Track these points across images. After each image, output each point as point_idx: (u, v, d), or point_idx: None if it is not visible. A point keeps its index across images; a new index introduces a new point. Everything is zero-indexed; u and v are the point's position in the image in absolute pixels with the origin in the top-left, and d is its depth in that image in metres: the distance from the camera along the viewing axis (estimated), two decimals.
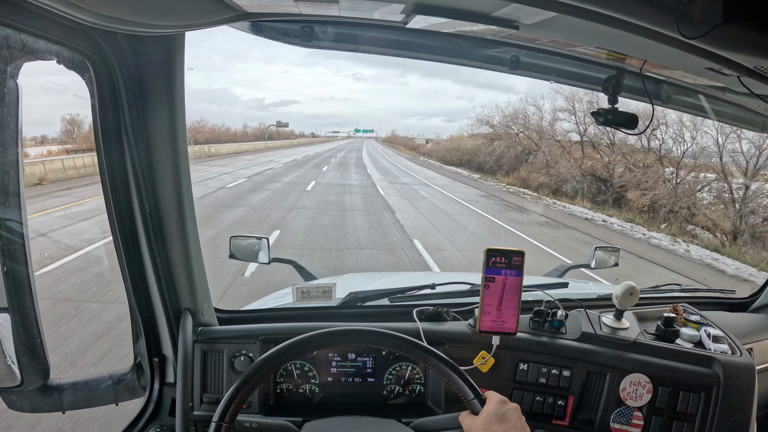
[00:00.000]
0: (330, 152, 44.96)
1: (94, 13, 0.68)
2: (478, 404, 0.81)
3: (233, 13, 0.91)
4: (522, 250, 1.04)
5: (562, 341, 1.16)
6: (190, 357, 1.06)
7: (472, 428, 0.79)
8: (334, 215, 9.94)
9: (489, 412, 0.79)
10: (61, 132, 26.09)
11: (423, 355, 0.86)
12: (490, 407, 0.79)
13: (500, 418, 0.77)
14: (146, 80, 0.92)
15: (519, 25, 0.82)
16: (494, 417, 0.78)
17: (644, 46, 0.91)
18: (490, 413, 0.78)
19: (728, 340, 1.21)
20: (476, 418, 0.80)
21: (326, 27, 1.05)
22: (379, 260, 6.61)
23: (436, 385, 1.16)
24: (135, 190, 0.97)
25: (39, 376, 0.99)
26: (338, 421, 1.02)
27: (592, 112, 1.14)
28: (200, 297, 1.12)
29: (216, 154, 31.70)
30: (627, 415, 1.13)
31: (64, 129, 26.11)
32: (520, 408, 0.82)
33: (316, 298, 1.23)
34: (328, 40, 1.07)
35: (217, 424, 0.78)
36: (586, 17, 0.75)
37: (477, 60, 1.14)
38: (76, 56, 0.88)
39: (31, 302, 0.90)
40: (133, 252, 1.03)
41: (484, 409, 0.80)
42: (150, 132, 0.94)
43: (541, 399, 1.14)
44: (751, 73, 0.94)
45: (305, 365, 1.17)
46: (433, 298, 1.32)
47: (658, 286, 1.55)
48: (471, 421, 0.80)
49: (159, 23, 0.79)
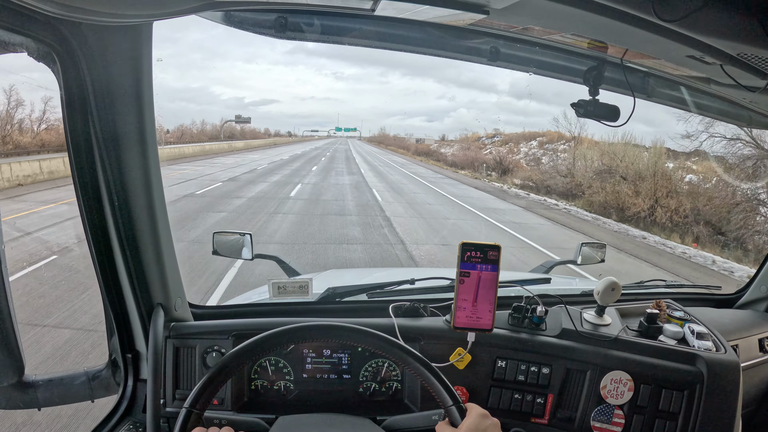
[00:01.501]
0: (292, 165, 24.38)
1: (57, 3, 0.66)
2: (456, 413, 0.78)
3: (201, 2, 0.89)
4: (498, 245, 1.02)
5: (542, 338, 1.14)
6: (161, 353, 1.05)
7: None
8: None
9: (469, 426, 0.75)
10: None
11: (402, 356, 0.83)
12: (471, 420, 0.76)
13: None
14: (114, 72, 0.90)
15: (489, 9, 0.79)
16: (474, 431, 0.74)
17: (623, 32, 0.89)
18: (470, 427, 0.75)
19: (713, 336, 1.19)
20: (455, 430, 0.76)
21: (299, 17, 1.03)
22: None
23: (413, 383, 1.15)
24: (104, 184, 0.96)
25: (13, 372, 0.98)
26: (311, 417, 1.01)
27: (573, 103, 1.12)
28: (173, 292, 1.10)
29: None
30: (608, 414, 1.11)
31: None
32: (500, 424, 0.79)
33: (292, 293, 1.21)
34: (303, 31, 1.05)
35: (187, 411, 0.76)
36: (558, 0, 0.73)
37: (456, 51, 1.12)
38: (42, 48, 0.86)
39: (4, 298, 0.89)
40: (104, 247, 1.01)
41: (464, 422, 0.76)
42: (118, 125, 0.93)
43: (520, 396, 1.12)
44: (734, 61, 0.91)
45: (280, 361, 1.15)
46: (412, 294, 1.30)
47: (643, 281, 1.53)
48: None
49: (125, 13, 0.77)
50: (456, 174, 26.69)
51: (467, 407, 0.79)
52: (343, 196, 12.96)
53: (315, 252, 6.73)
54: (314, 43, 1.08)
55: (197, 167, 19.50)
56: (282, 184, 14.81)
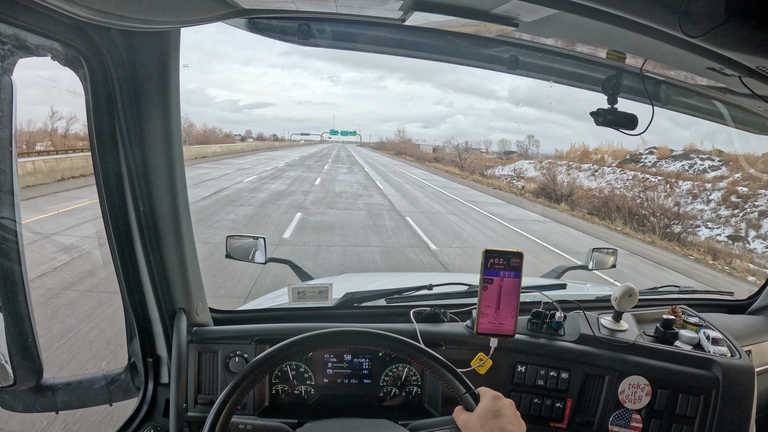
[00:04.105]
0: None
1: (87, 8, 0.67)
2: (470, 399, 0.81)
3: (229, 10, 0.91)
4: (521, 252, 1.03)
5: (561, 343, 1.15)
6: (185, 357, 1.05)
7: (468, 424, 0.78)
8: None
9: (484, 408, 0.78)
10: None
11: (412, 352, 0.85)
12: (485, 403, 0.79)
13: (495, 413, 0.77)
14: (141, 77, 0.91)
15: (519, 22, 0.81)
16: (489, 413, 0.77)
17: (646, 44, 0.91)
18: (484, 409, 0.78)
19: (727, 342, 1.21)
20: (471, 414, 0.79)
21: (324, 25, 1.04)
22: None
23: (433, 387, 1.15)
24: (129, 188, 0.96)
25: (32, 375, 0.98)
26: (335, 423, 1.01)
27: (591, 112, 1.14)
28: (195, 297, 1.11)
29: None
30: (625, 418, 1.13)
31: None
32: (514, 404, 0.81)
33: (312, 298, 1.22)
34: (326, 38, 1.06)
35: (210, 426, 0.77)
36: (587, 15, 0.74)
37: (475, 59, 1.14)
38: (70, 52, 0.87)
39: (24, 301, 0.90)
40: (127, 251, 1.01)
41: (479, 405, 0.79)
42: (144, 130, 0.93)
43: (539, 401, 1.13)
44: (753, 74, 0.93)
45: (301, 366, 1.16)
46: (430, 299, 1.31)
47: (657, 287, 1.54)
48: (466, 418, 0.79)
49: (154, 19, 0.78)
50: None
51: (479, 392, 0.82)
52: None
53: None
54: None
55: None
56: None
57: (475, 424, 0.77)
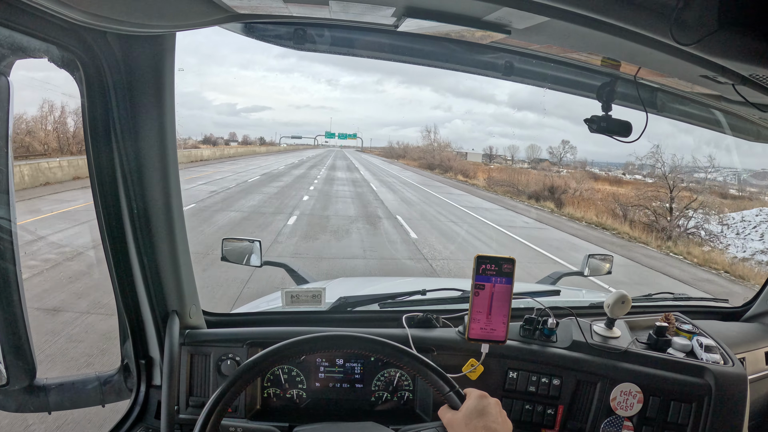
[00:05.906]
0: None
1: (84, 11, 0.68)
2: (455, 398, 0.81)
3: (224, 14, 0.91)
4: (512, 258, 1.03)
5: (553, 349, 1.15)
6: (177, 360, 1.05)
7: (453, 423, 0.79)
8: None
9: (469, 407, 0.78)
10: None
11: (395, 353, 0.85)
12: (470, 402, 0.79)
13: (480, 412, 0.77)
14: (136, 80, 0.91)
15: (511, 29, 0.81)
16: (474, 411, 0.77)
17: (639, 52, 0.91)
18: (470, 407, 0.78)
19: (720, 349, 1.20)
20: (456, 413, 0.79)
21: (319, 30, 1.05)
22: None
23: (425, 392, 1.15)
24: (123, 191, 0.97)
25: (25, 375, 0.99)
26: (327, 427, 1.01)
27: (586, 119, 1.14)
28: (188, 299, 1.11)
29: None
30: (617, 425, 1.12)
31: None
32: (500, 403, 0.81)
33: (305, 302, 1.22)
34: (321, 43, 1.07)
35: (200, 429, 0.77)
36: (579, 22, 0.75)
37: (471, 65, 1.14)
38: (66, 55, 0.87)
39: (18, 301, 0.90)
40: (120, 252, 1.02)
41: (465, 404, 0.80)
42: (139, 133, 0.94)
43: (531, 407, 1.13)
44: (746, 81, 0.93)
45: (293, 370, 1.16)
46: (423, 304, 1.31)
47: (651, 294, 1.54)
48: (451, 416, 0.79)
49: (149, 23, 0.79)
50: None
51: (465, 392, 0.82)
52: None
53: None
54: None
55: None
56: None
57: (460, 422, 0.77)
